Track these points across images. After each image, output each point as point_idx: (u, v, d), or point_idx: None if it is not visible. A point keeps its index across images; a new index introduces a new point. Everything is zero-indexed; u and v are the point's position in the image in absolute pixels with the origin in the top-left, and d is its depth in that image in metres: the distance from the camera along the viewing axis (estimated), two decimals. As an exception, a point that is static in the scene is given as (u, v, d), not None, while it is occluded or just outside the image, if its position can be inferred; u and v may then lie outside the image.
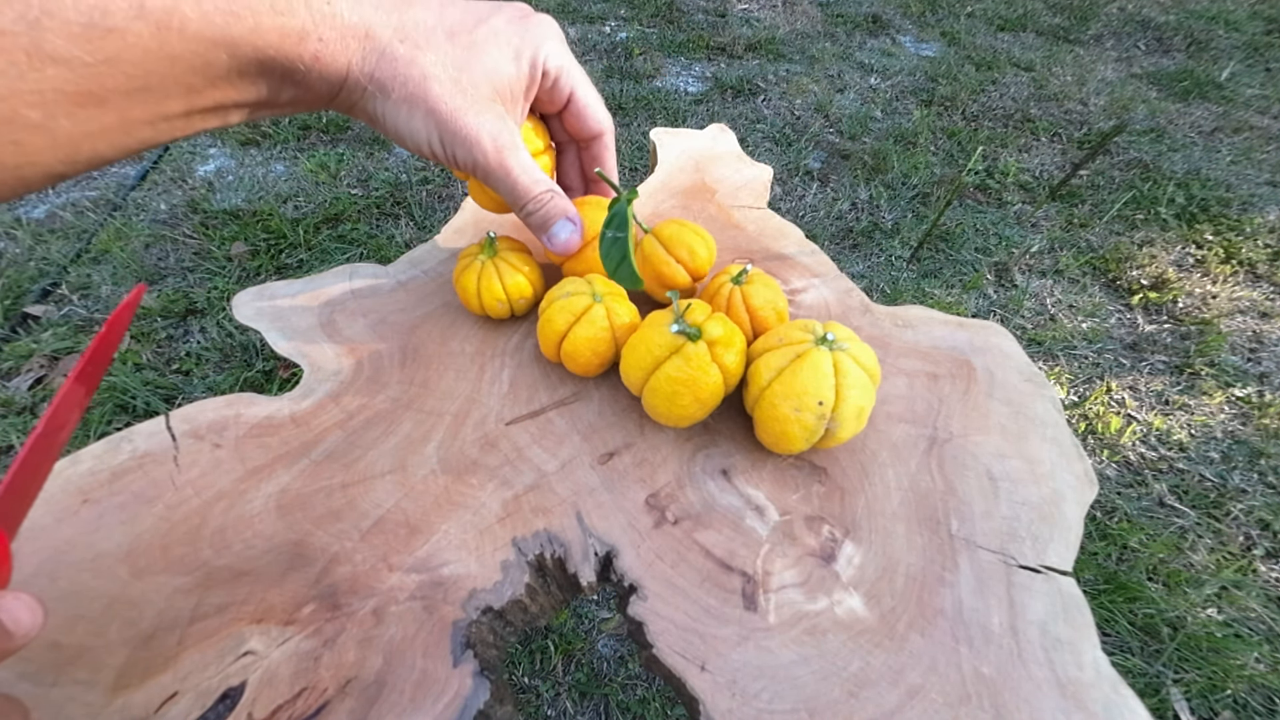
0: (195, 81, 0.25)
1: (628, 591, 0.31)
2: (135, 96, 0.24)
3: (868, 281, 1.36)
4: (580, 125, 0.40)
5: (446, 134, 0.32)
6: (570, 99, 0.38)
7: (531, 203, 0.37)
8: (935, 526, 0.33)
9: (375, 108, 0.31)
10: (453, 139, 0.32)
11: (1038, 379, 0.41)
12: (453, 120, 0.32)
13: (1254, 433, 1.09)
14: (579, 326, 0.37)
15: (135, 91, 0.24)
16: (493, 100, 0.34)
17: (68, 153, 0.23)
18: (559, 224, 0.38)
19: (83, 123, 0.23)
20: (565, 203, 0.38)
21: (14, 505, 0.21)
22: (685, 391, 0.33)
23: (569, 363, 0.38)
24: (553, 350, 0.38)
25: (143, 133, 0.25)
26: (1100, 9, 2.67)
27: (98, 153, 0.24)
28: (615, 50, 2.16)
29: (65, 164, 0.24)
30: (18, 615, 0.19)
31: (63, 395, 0.22)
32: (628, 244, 0.36)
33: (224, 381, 1.07)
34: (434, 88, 0.31)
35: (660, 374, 0.33)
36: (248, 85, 0.27)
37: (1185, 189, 1.63)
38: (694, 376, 0.33)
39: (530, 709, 0.78)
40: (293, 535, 0.32)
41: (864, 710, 0.27)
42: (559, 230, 0.38)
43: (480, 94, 0.33)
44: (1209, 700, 0.78)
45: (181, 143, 1.61)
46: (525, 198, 0.36)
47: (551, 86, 0.37)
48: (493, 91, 0.33)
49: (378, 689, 0.27)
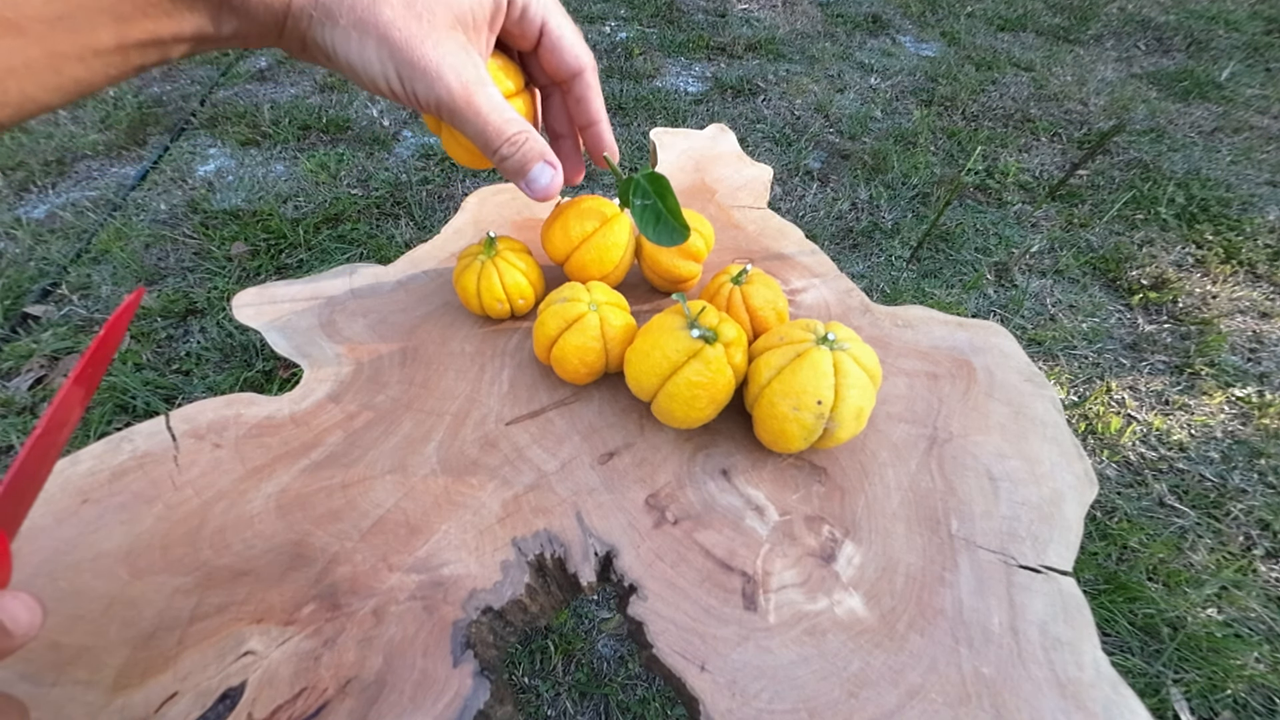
0: (124, 9, 0.24)
1: (628, 591, 0.31)
2: (58, 26, 0.22)
3: (868, 281, 1.35)
4: (556, 61, 0.35)
5: (403, 66, 0.29)
6: (543, 31, 0.34)
7: (505, 145, 0.33)
8: (935, 526, 0.33)
9: (324, 38, 0.29)
10: (410, 72, 0.29)
11: (1038, 379, 0.41)
12: (408, 49, 0.29)
13: (1254, 433, 1.09)
14: (570, 334, 0.36)
15: (57, 20, 0.22)
16: (453, 28, 0.30)
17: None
18: (538, 167, 0.34)
19: (3, 55, 0.21)
20: (542, 144, 0.34)
21: (14, 506, 0.21)
22: (704, 394, 0.33)
23: (558, 369, 0.38)
24: (544, 354, 0.38)
25: (74, 69, 0.24)
26: (1100, 9, 2.67)
27: (27, 94, 0.23)
28: (615, 50, 2.16)
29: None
30: (17, 615, 0.18)
31: (62, 396, 0.22)
32: (659, 205, 0.37)
33: (224, 381, 1.07)
34: (384, 12, 0.28)
35: (679, 379, 0.33)
36: (184, 14, 0.25)
37: (1185, 189, 1.63)
38: (713, 379, 0.33)
39: (530, 709, 0.78)
40: (293, 535, 0.32)
41: (864, 710, 0.27)
42: (538, 174, 0.34)
43: (438, 20, 0.30)
44: (1209, 700, 0.78)
45: (181, 143, 1.61)
46: (498, 139, 0.32)
47: (520, 17, 0.33)
48: (452, 18, 0.30)
49: (378, 689, 0.27)
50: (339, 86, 1.86)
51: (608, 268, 0.42)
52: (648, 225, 0.38)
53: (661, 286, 0.46)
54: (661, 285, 0.45)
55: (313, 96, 1.83)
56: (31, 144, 1.57)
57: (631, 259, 0.44)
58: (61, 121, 1.66)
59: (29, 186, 1.46)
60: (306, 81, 1.90)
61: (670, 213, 0.37)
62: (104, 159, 1.56)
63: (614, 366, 0.39)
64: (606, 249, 0.41)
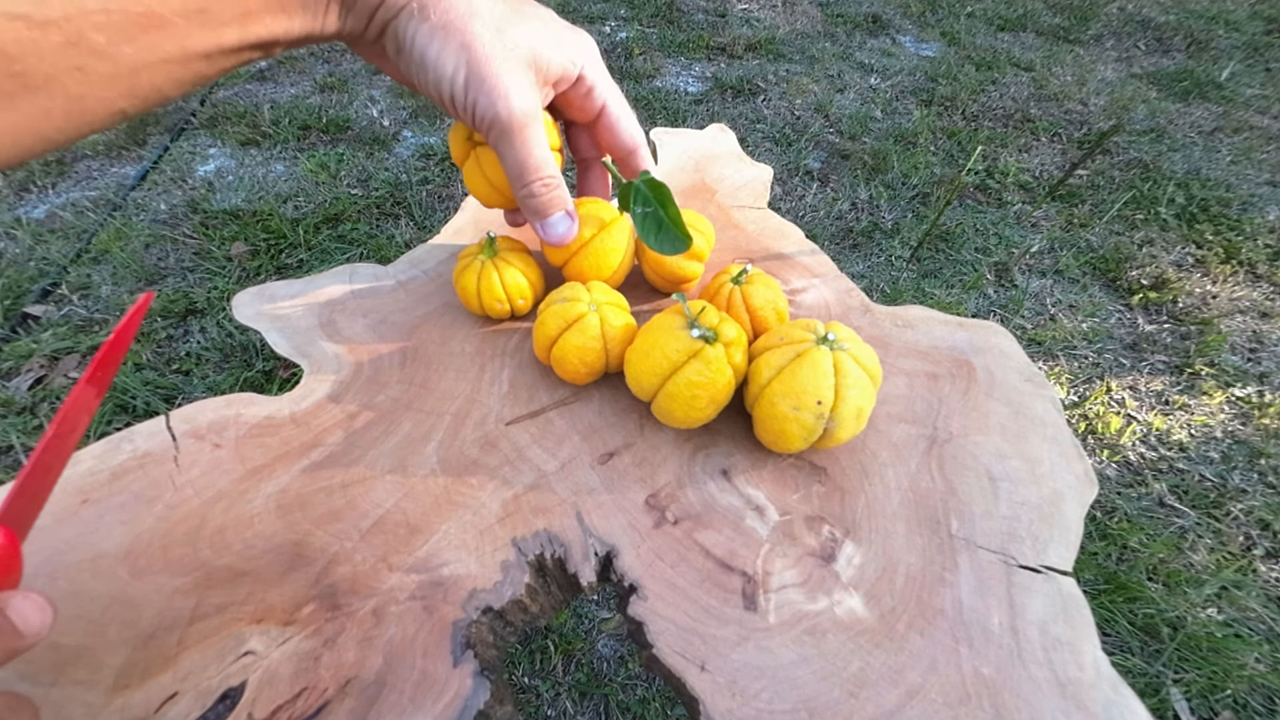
0: (252, 5, 0.25)
1: (628, 591, 0.31)
2: (195, 20, 0.24)
3: (868, 281, 1.35)
4: (613, 139, 0.40)
5: (474, 75, 0.31)
6: (602, 111, 0.38)
7: (537, 183, 0.36)
8: (935, 526, 0.33)
9: (408, 30, 0.30)
10: (479, 83, 0.31)
11: (1038, 379, 0.41)
12: (485, 63, 0.31)
13: (1254, 433, 1.09)
14: (570, 334, 0.36)
15: (196, 14, 0.24)
16: (528, 66, 0.33)
17: (130, 85, 0.23)
18: (559, 215, 0.38)
19: (144, 50, 0.23)
20: (568, 197, 0.38)
21: (25, 507, 0.21)
22: (704, 394, 0.33)
23: (558, 369, 0.38)
24: (544, 354, 0.38)
25: (199, 65, 0.25)
26: (1100, 9, 2.67)
27: (156, 86, 0.24)
28: (615, 50, 2.16)
29: (127, 99, 0.24)
30: (28, 615, 0.19)
31: (73, 399, 0.22)
32: (660, 212, 0.37)
33: (224, 381, 1.07)
34: (475, 25, 0.30)
35: (679, 379, 0.33)
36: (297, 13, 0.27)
37: (1185, 189, 1.63)
38: (713, 379, 0.33)
39: (530, 709, 0.78)
40: (293, 535, 0.32)
41: (864, 710, 0.27)
42: (557, 221, 0.38)
43: (519, 52, 0.32)
44: (1209, 700, 0.78)
45: (181, 143, 1.61)
46: (533, 175, 0.35)
47: (586, 94, 0.37)
48: (531, 58, 0.32)
49: (378, 689, 0.27)
50: (339, 86, 1.86)
51: (606, 273, 0.42)
52: (649, 233, 0.38)
53: (663, 287, 0.46)
54: (663, 286, 0.45)
55: (313, 96, 1.83)
56: (31, 144, 1.57)
57: (631, 262, 0.44)
58: (61, 121, 1.65)
59: (29, 186, 1.46)
60: (306, 81, 1.90)
61: (672, 221, 0.38)
62: (104, 159, 1.56)
63: (614, 367, 0.38)
64: (605, 254, 0.41)
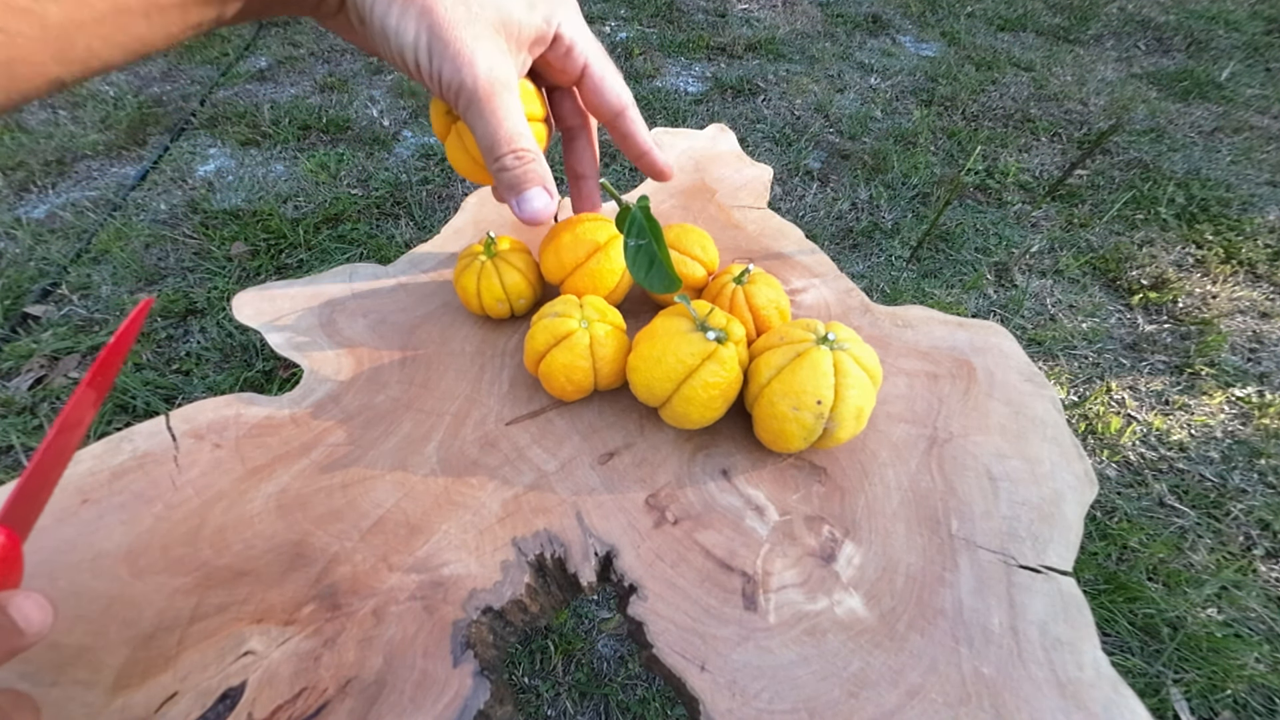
0: None
1: (628, 591, 0.31)
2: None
3: (868, 281, 1.35)
4: (598, 100, 0.37)
5: (437, 42, 0.29)
6: (585, 71, 0.36)
7: (510, 156, 0.32)
8: (935, 526, 0.33)
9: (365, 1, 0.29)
10: (443, 50, 0.29)
11: (1038, 379, 0.41)
12: (447, 28, 0.29)
13: (1254, 433, 1.09)
14: (558, 351, 0.36)
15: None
16: (496, 30, 0.30)
17: (60, 47, 0.22)
18: (534, 190, 0.34)
19: (72, 8, 0.22)
20: (546, 171, 0.34)
21: (26, 508, 0.21)
22: (719, 395, 0.33)
23: (545, 384, 0.37)
24: (533, 367, 0.38)
25: (138, 26, 0.24)
26: (1100, 9, 2.67)
27: (94, 50, 0.23)
28: (615, 50, 2.15)
29: (60, 63, 0.22)
30: (30, 614, 0.19)
31: (75, 400, 0.22)
32: (654, 247, 0.35)
33: (224, 381, 1.07)
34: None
35: (695, 381, 0.33)
36: None
37: (1185, 189, 1.63)
38: (728, 379, 0.33)
39: (530, 709, 0.78)
40: (293, 535, 0.32)
41: (864, 710, 0.27)
42: (533, 196, 0.34)
43: (484, 16, 0.30)
44: (1209, 700, 0.78)
45: (181, 143, 1.61)
46: (505, 147, 0.32)
47: (565, 54, 0.34)
48: (499, 21, 0.30)
49: (378, 689, 0.27)
50: (339, 86, 1.86)
51: (603, 293, 0.41)
52: (640, 268, 0.36)
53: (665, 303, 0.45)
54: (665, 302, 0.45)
55: (313, 96, 1.83)
56: (31, 144, 1.57)
57: (631, 280, 0.43)
58: (61, 121, 1.66)
59: (29, 186, 1.46)
60: (306, 81, 1.90)
61: (664, 261, 0.36)
62: (104, 159, 1.56)
63: (604, 385, 0.38)
64: (602, 274, 0.40)
